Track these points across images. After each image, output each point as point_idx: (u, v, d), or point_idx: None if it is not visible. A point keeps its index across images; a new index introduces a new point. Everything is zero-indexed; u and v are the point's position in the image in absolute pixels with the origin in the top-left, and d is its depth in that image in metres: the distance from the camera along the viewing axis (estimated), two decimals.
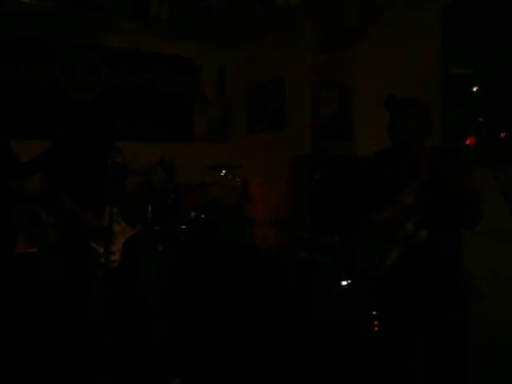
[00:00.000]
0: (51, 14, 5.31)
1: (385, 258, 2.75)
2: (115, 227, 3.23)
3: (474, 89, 3.86)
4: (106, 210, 2.70)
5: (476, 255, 3.68)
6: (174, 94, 6.88)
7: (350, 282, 4.32)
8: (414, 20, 4.35)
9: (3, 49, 5.71)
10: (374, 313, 3.00)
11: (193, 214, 5.61)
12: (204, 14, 4.09)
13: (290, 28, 6.04)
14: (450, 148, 2.96)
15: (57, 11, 5.26)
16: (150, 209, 5.20)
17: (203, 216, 5.58)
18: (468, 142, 2.59)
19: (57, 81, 6.04)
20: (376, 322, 3.00)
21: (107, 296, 2.95)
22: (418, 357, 2.83)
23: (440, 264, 2.72)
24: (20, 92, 5.81)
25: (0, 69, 5.71)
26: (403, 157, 2.80)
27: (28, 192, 4.50)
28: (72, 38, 6.06)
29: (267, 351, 4.40)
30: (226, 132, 7.39)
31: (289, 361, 4.21)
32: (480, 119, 2.48)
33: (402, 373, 2.84)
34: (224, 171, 5.70)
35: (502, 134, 3.51)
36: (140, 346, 3.55)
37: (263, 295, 5.50)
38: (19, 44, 5.80)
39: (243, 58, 7.15)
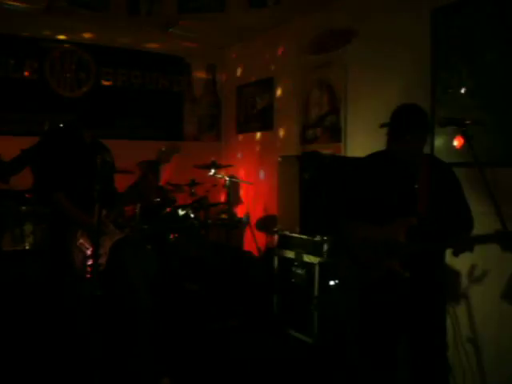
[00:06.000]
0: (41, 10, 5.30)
1: (365, 276, 2.76)
2: (103, 229, 3.22)
3: (462, 91, 3.90)
4: (95, 210, 2.68)
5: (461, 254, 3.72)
6: (164, 93, 6.87)
7: (337, 282, 4.34)
8: (403, 21, 4.38)
9: None
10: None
11: (181, 213, 5.60)
12: (195, 13, 4.08)
13: (280, 28, 6.05)
14: (442, 161, 2.93)
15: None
16: (138, 208, 5.20)
17: (192, 215, 5.57)
18: (456, 142, 2.62)
19: (45, 78, 6.01)
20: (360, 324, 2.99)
21: (95, 295, 2.93)
22: (401, 356, 2.86)
23: (424, 271, 2.73)
24: (7, 88, 5.78)
25: None
26: (401, 173, 2.76)
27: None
28: (61, 35, 6.03)
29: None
30: (216, 131, 7.40)
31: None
32: (467, 121, 2.49)
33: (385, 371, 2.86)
34: (213, 170, 5.70)
35: (489, 136, 3.55)
36: (129, 345, 3.54)
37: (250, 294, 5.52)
38: (7, 40, 5.76)
39: (233, 57, 7.15)
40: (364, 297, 2.87)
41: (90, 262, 3.11)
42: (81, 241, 3.21)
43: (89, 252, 3.17)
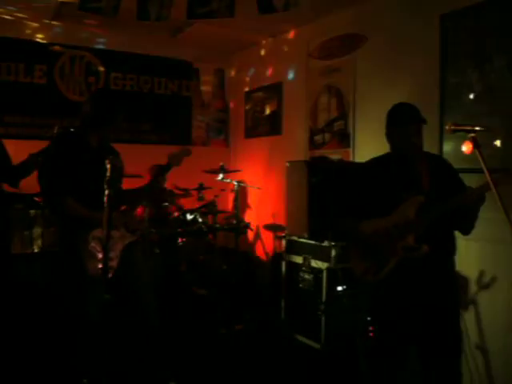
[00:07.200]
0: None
1: (382, 266, 2.76)
2: (114, 233, 3.22)
3: (471, 96, 3.89)
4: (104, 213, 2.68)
5: (470, 260, 3.71)
6: (172, 98, 6.89)
7: (345, 287, 4.33)
8: (412, 27, 4.38)
9: (2, 49, 5.71)
10: (369, 318, 3.00)
11: (190, 217, 5.61)
12: (204, 18, 4.09)
13: (289, 33, 6.07)
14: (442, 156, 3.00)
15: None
16: (147, 212, 5.21)
17: (200, 220, 5.58)
18: (465, 148, 2.61)
19: (55, 82, 6.04)
20: (371, 328, 2.99)
21: (104, 300, 2.94)
22: (411, 363, 2.85)
23: (436, 271, 2.73)
24: (17, 92, 5.81)
25: None
26: (402, 164, 2.82)
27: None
28: (71, 40, 6.07)
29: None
30: (224, 136, 7.41)
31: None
32: (476, 128, 2.48)
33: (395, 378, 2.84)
34: (221, 175, 5.71)
35: (498, 142, 3.54)
36: (136, 349, 3.55)
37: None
38: (18, 45, 5.80)
39: (241, 62, 7.17)
40: (377, 295, 2.89)
41: (100, 266, 3.12)
42: (92, 244, 3.22)
43: (100, 255, 3.17)
